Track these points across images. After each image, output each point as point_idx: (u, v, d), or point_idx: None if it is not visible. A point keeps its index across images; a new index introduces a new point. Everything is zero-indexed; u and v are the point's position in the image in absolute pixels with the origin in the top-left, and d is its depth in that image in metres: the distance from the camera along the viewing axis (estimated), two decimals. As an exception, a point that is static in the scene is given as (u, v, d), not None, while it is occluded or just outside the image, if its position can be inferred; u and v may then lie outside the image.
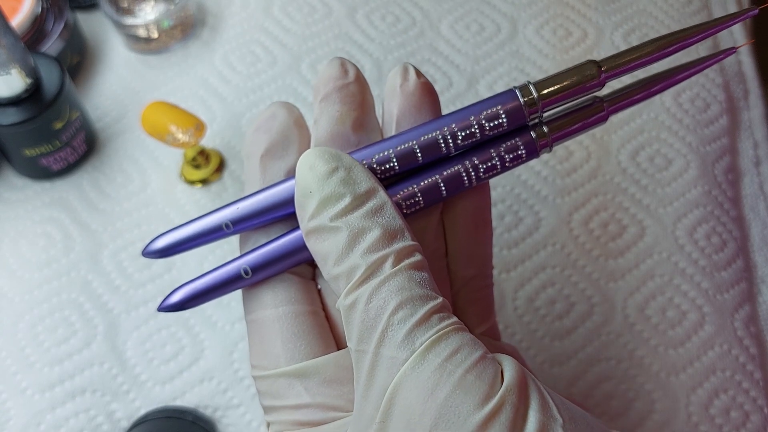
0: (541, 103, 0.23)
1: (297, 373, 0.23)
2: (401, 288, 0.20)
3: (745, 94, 0.46)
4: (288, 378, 0.23)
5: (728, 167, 0.43)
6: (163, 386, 0.36)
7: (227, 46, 0.48)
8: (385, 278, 0.20)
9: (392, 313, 0.20)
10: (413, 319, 0.19)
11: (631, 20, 0.48)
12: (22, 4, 0.43)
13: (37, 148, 0.40)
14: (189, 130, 0.38)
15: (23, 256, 0.40)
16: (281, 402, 0.23)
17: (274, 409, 0.23)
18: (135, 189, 0.42)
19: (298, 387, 0.22)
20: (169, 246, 0.25)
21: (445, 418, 0.18)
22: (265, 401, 0.23)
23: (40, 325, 0.38)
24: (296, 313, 0.24)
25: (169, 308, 0.24)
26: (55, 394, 0.36)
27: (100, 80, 0.47)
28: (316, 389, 0.22)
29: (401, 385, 0.19)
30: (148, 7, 0.47)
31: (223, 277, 0.24)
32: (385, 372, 0.19)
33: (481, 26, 0.48)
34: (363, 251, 0.21)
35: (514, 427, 0.18)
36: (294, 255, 0.24)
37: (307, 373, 0.23)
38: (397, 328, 0.19)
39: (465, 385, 0.18)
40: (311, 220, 0.22)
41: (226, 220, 0.25)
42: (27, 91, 0.38)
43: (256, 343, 0.24)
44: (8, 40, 0.36)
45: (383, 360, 0.19)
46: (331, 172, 0.22)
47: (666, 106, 0.44)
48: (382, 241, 0.21)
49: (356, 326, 0.20)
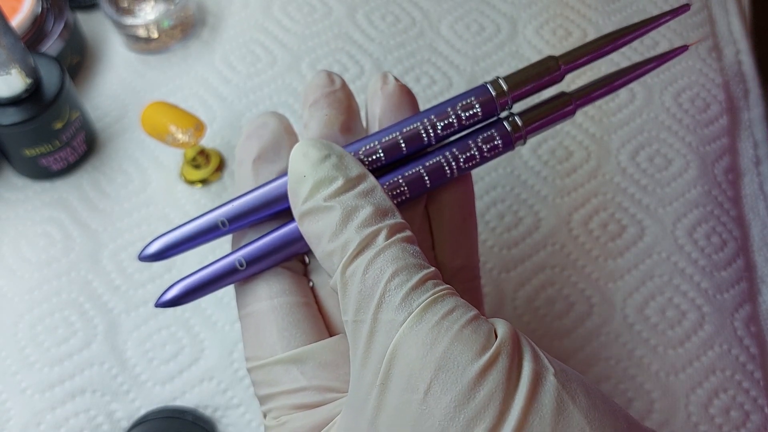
0: (510, 94, 0.26)
1: (293, 359, 0.23)
2: (396, 257, 0.21)
3: (745, 94, 0.46)
4: (284, 364, 0.23)
5: (728, 167, 0.43)
6: (163, 386, 0.36)
7: (227, 46, 0.48)
8: (379, 250, 0.21)
9: (389, 280, 0.20)
10: (409, 284, 0.20)
11: (630, 20, 0.48)
12: (22, 4, 0.43)
13: (37, 148, 0.40)
14: (189, 130, 0.38)
15: (23, 256, 0.40)
16: (278, 388, 0.23)
17: (270, 396, 0.24)
18: (135, 189, 0.42)
19: (294, 372, 0.23)
20: (164, 249, 0.25)
21: (444, 369, 0.19)
22: (261, 390, 0.24)
23: (40, 325, 0.38)
24: (291, 303, 0.24)
25: (166, 304, 0.25)
26: (55, 394, 0.36)
27: (100, 80, 0.47)
28: (312, 373, 0.23)
29: (401, 344, 0.19)
30: (148, 7, 0.47)
31: (218, 270, 0.25)
32: (384, 335, 0.20)
33: (481, 26, 0.48)
34: (357, 226, 0.22)
35: (510, 374, 0.19)
36: (288, 246, 0.25)
37: (303, 358, 0.23)
38: (394, 293, 0.20)
39: (462, 338, 0.19)
40: (305, 202, 0.23)
41: (222, 218, 0.25)
42: (27, 91, 0.38)
43: (251, 336, 0.24)
44: (8, 40, 0.36)
45: (382, 324, 0.20)
46: (323, 158, 0.23)
47: (666, 106, 0.44)
48: (375, 217, 0.22)
49: (353, 297, 0.21)
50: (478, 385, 0.19)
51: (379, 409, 0.20)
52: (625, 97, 0.45)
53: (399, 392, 0.19)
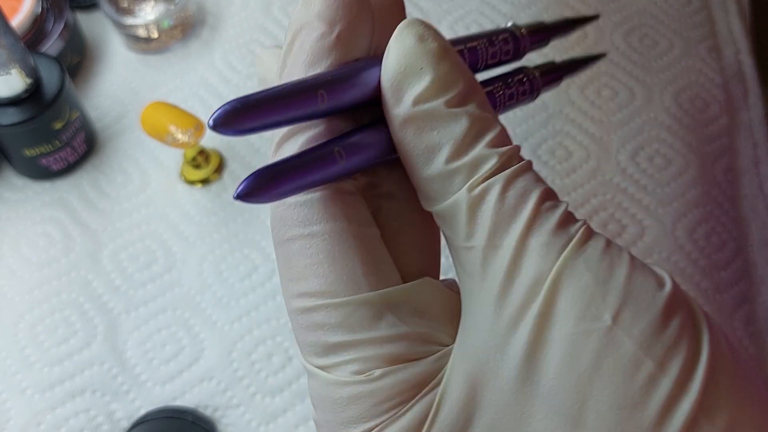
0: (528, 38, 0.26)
1: (386, 300, 0.19)
2: (537, 180, 0.18)
3: (744, 94, 0.46)
4: (375, 306, 0.19)
5: (728, 167, 0.43)
6: (163, 386, 0.36)
7: (227, 46, 0.48)
8: (518, 170, 0.18)
9: (538, 202, 0.18)
10: (561, 209, 0.18)
11: (631, 20, 0.48)
12: (22, 4, 0.43)
13: (37, 148, 0.40)
14: (188, 131, 0.38)
15: (23, 256, 0.40)
16: (365, 334, 0.19)
17: (350, 345, 0.19)
18: (135, 189, 0.42)
19: (389, 316, 0.19)
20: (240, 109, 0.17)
21: (632, 296, 0.17)
22: (334, 336, 0.19)
23: (40, 325, 0.38)
24: (369, 234, 0.19)
25: (244, 196, 0.18)
26: (55, 394, 0.36)
27: (100, 80, 0.47)
28: (410, 319, 0.19)
29: (568, 269, 0.17)
30: (148, 7, 0.47)
31: (314, 158, 0.18)
32: (537, 260, 0.17)
33: (481, 27, 0.48)
34: (488, 143, 0.18)
35: (693, 309, 0.18)
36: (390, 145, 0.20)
37: (398, 300, 0.19)
38: (547, 216, 0.18)
39: (638, 267, 0.18)
40: (419, 104, 0.18)
41: (320, 87, 0.18)
42: (27, 91, 0.38)
43: (320, 264, 0.19)
44: (8, 40, 0.36)
45: (533, 249, 0.18)
46: (445, 51, 0.19)
47: (665, 106, 0.44)
48: (503, 136, 0.19)
49: (487, 220, 0.18)
50: (670, 316, 0.17)
51: (537, 343, 0.17)
52: (625, 97, 0.45)
53: (572, 321, 0.17)
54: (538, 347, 0.17)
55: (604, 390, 0.17)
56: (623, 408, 0.17)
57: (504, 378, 0.18)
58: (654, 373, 0.17)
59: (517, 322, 0.17)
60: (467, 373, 0.18)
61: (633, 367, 0.17)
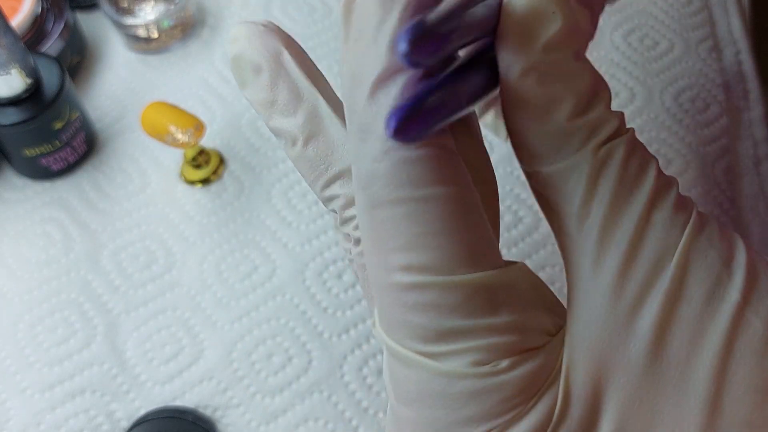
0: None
1: (503, 283, 0.17)
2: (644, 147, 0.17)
3: (744, 94, 0.46)
4: (494, 288, 0.16)
5: (728, 167, 0.43)
6: (163, 386, 0.36)
7: (227, 46, 0.48)
8: (632, 137, 0.17)
9: (658, 174, 0.17)
10: (675, 183, 0.17)
11: (631, 20, 0.48)
12: (22, 4, 0.43)
13: (37, 148, 0.40)
14: (188, 131, 0.38)
15: (23, 256, 0.40)
16: (488, 320, 0.16)
17: (471, 331, 0.16)
18: (135, 189, 0.42)
19: (507, 301, 0.17)
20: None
21: (755, 275, 0.17)
22: (451, 320, 0.16)
23: (39, 326, 0.38)
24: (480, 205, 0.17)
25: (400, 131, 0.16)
26: (54, 394, 0.36)
27: (100, 80, 0.47)
28: (521, 305, 0.17)
29: (695, 247, 0.16)
30: (148, 7, 0.47)
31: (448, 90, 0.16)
32: (663, 234, 0.16)
33: (481, 26, 0.48)
34: (606, 103, 0.17)
35: None
36: None
37: (511, 283, 0.17)
38: (666, 186, 0.17)
39: (752, 247, 0.17)
40: (548, 50, 0.17)
41: None
42: (27, 91, 0.38)
43: (434, 233, 0.16)
44: (8, 40, 0.36)
45: (658, 222, 0.17)
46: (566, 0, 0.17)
47: (666, 107, 0.44)
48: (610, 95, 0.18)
49: (612, 186, 0.17)
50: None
51: (666, 323, 0.16)
52: (625, 98, 0.45)
53: (701, 300, 0.16)
54: (667, 328, 0.16)
55: (738, 372, 0.16)
56: (758, 391, 0.16)
57: (631, 362, 0.16)
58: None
59: (642, 300, 0.16)
60: (589, 360, 0.17)
61: (765, 348, 0.16)
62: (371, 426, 0.35)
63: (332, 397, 0.36)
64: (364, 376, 0.36)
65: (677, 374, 0.16)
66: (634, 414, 0.16)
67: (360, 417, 0.35)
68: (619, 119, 0.17)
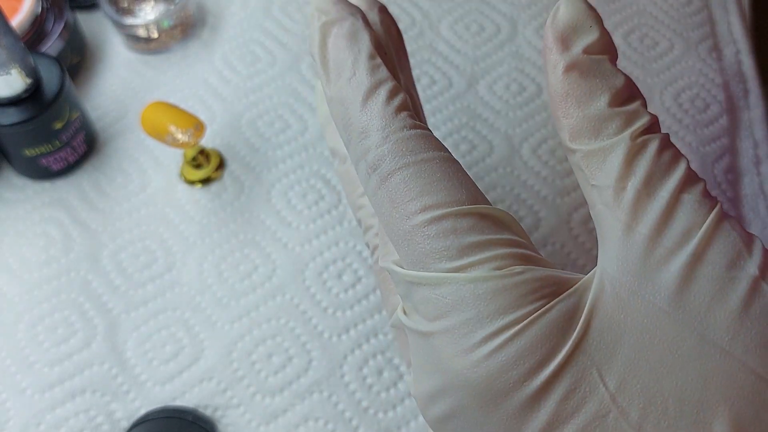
0: None
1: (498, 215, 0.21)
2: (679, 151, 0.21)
3: (744, 94, 0.46)
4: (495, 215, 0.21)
5: (728, 167, 0.43)
6: (163, 386, 0.36)
7: (227, 46, 0.48)
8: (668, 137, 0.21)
9: (688, 167, 0.20)
10: (703, 181, 0.20)
11: (630, 20, 0.48)
12: (22, 3, 0.43)
13: (37, 148, 0.40)
14: (188, 131, 0.38)
15: (23, 256, 0.40)
16: (500, 235, 0.21)
17: (487, 244, 0.20)
18: (135, 189, 0.42)
19: (505, 226, 0.21)
20: None
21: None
22: (469, 237, 0.20)
23: (39, 325, 0.38)
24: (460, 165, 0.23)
25: None
26: (54, 394, 0.36)
27: (100, 80, 0.47)
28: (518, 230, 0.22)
29: (720, 225, 0.20)
30: (148, 7, 0.47)
31: None
32: (691, 212, 0.20)
33: (481, 26, 0.48)
34: (642, 103, 0.21)
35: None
36: None
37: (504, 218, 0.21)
38: (696, 180, 0.20)
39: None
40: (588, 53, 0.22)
41: None
42: (27, 91, 0.38)
43: (439, 181, 0.21)
44: (8, 40, 0.36)
45: (686, 204, 0.20)
46: (602, 21, 0.22)
47: (666, 107, 0.44)
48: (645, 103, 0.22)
49: (646, 167, 0.20)
50: None
51: (689, 278, 0.19)
52: (625, 97, 0.45)
53: (723, 266, 0.19)
54: (690, 282, 0.19)
55: (751, 329, 0.19)
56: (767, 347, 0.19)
57: (654, 304, 0.19)
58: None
59: (669, 258, 0.19)
60: (615, 293, 0.20)
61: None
62: (371, 426, 0.35)
63: (332, 397, 0.36)
64: (364, 376, 0.36)
65: (696, 322, 0.19)
66: (653, 345, 0.19)
67: (360, 417, 0.35)
68: (654, 120, 0.21)
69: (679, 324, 0.19)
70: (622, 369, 0.19)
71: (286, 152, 0.43)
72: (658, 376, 0.19)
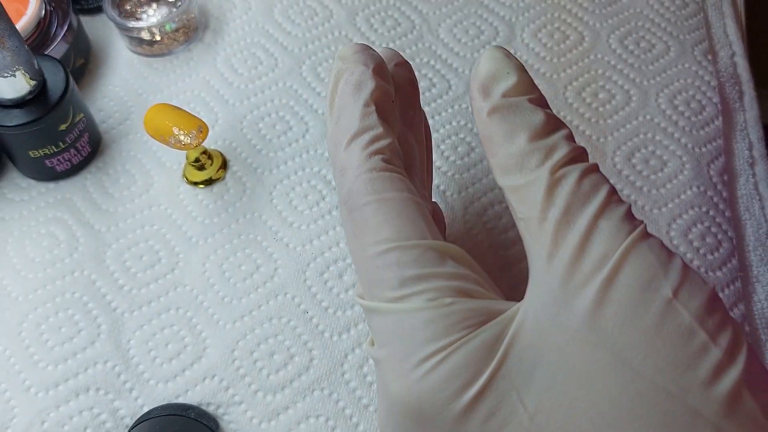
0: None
1: (444, 250, 0.23)
2: (605, 179, 0.22)
3: (739, 95, 0.47)
4: (437, 252, 0.23)
5: (723, 168, 0.43)
6: (166, 384, 0.37)
7: (229, 49, 0.48)
8: (592, 166, 0.22)
9: (609, 195, 0.22)
10: (626, 204, 0.22)
11: (627, 23, 0.49)
12: (27, 7, 0.43)
13: (42, 149, 0.40)
14: (191, 132, 0.39)
15: (27, 256, 0.41)
16: (437, 269, 0.23)
17: (424, 277, 0.23)
18: (138, 190, 0.43)
19: (448, 260, 0.23)
20: None
21: (688, 278, 0.20)
22: (409, 271, 0.23)
23: (44, 324, 0.38)
24: (423, 205, 0.25)
25: None
26: (59, 392, 0.37)
27: (104, 82, 0.47)
28: (465, 267, 0.23)
29: (635, 249, 0.21)
30: (151, 10, 0.47)
31: None
32: (608, 239, 0.21)
33: (479, 30, 0.49)
34: (562, 136, 0.23)
35: None
36: None
37: (452, 252, 0.23)
38: (616, 206, 0.21)
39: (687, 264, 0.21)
40: (506, 97, 0.23)
41: None
42: (32, 93, 0.39)
43: (393, 218, 0.24)
44: (13, 42, 0.36)
45: (604, 230, 0.21)
46: (522, 67, 0.24)
47: (661, 108, 0.45)
48: (573, 137, 0.23)
49: (565, 198, 0.21)
50: (716, 303, 0.20)
51: (602, 301, 0.20)
52: (621, 100, 0.45)
53: (636, 289, 0.20)
54: (603, 305, 0.20)
55: (663, 349, 0.20)
56: (678, 366, 0.19)
57: (570, 328, 0.20)
58: (706, 342, 0.20)
59: (585, 284, 0.20)
60: (536, 320, 0.21)
61: (689, 335, 0.20)
62: (371, 422, 0.36)
63: (333, 395, 0.36)
64: (364, 374, 0.37)
65: (610, 343, 0.20)
66: (570, 364, 0.20)
67: (360, 414, 0.36)
68: (577, 151, 0.22)
69: (592, 346, 0.20)
70: (540, 392, 0.20)
71: (287, 154, 0.44)
72: (573, 398, 0.20)
